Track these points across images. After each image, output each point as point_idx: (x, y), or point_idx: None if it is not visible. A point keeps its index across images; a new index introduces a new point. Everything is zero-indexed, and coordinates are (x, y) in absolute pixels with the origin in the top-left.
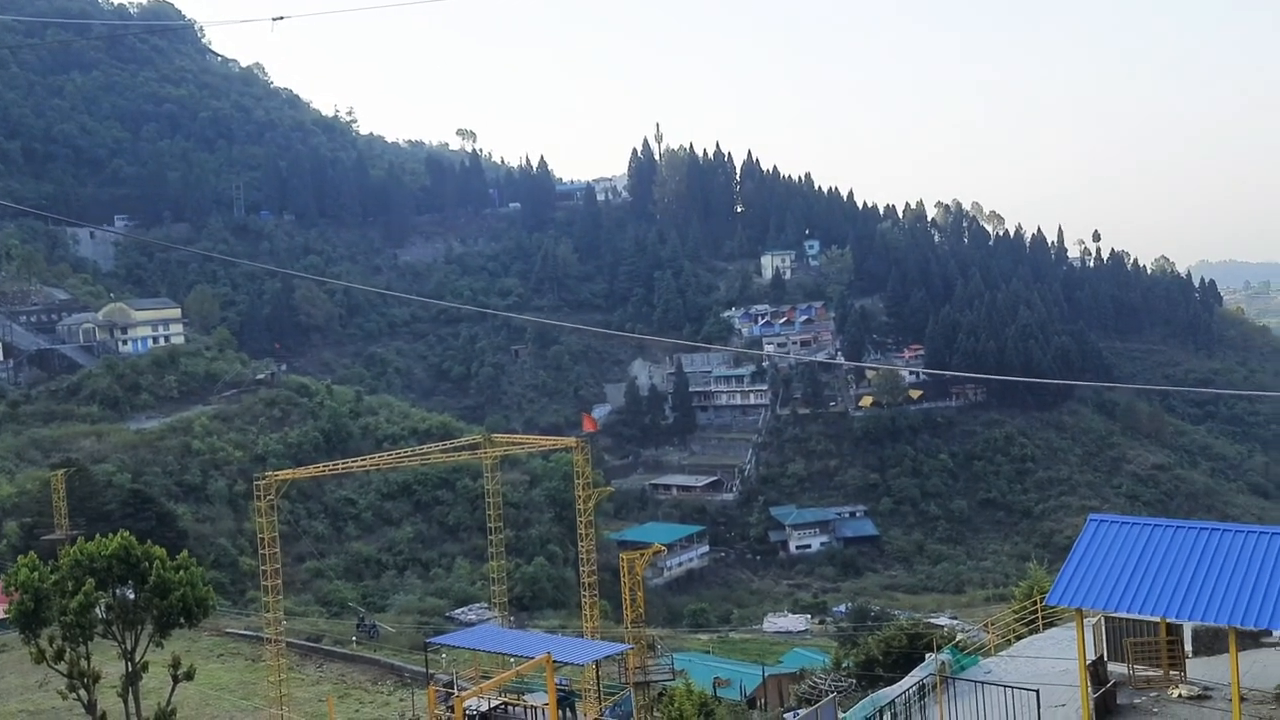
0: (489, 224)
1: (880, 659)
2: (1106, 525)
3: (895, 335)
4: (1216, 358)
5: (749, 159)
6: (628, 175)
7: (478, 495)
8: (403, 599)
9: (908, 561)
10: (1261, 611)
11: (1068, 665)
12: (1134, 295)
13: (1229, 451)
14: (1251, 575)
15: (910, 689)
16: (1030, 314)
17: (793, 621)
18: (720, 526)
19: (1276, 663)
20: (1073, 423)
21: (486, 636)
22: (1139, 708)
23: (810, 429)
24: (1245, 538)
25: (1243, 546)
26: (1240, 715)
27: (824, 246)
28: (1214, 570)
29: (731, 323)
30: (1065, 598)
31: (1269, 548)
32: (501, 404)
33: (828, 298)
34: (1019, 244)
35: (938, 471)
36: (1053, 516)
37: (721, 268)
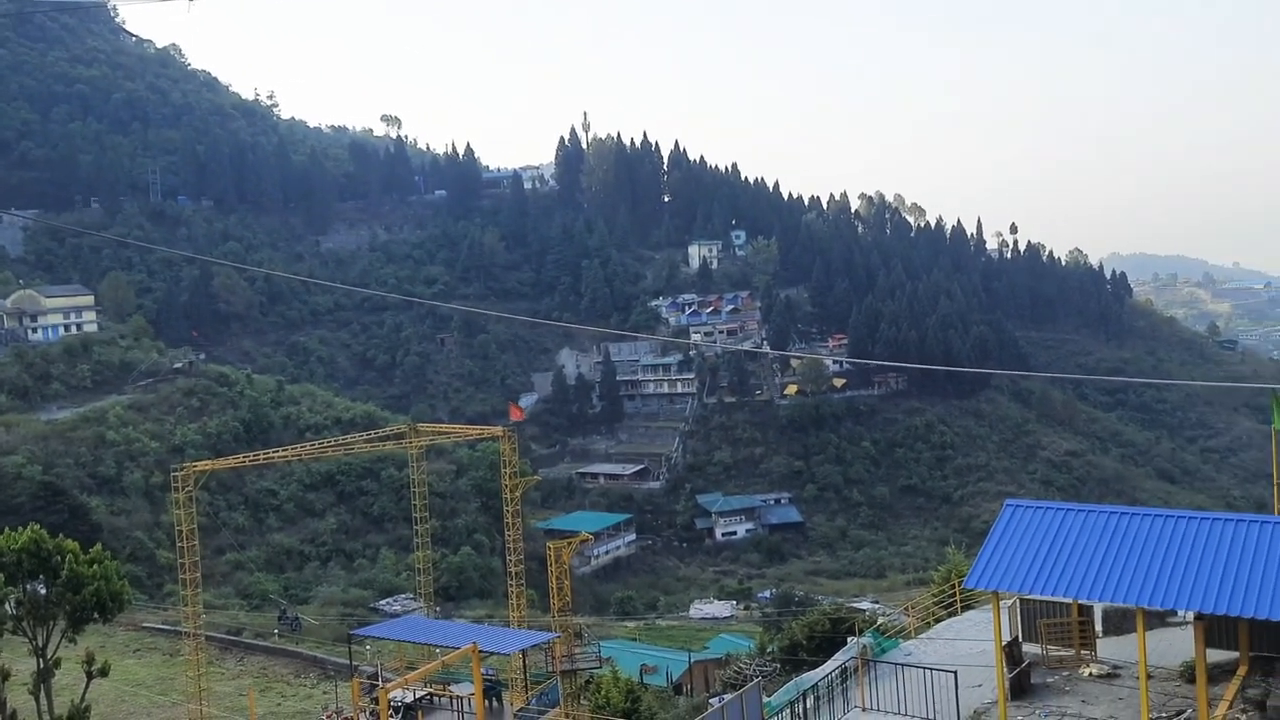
0: (414, 211)
1: (804, 643)
2: (1022, 510)
3: (820, 324)
4: (1126, 347)
5: (676, 149)
6: (555, 164)
7: (403, 485)
8: (326, 591)
9: (831, 547)
10: (1168, 592)
11: (985, 646)
12: (1049, 286)
13: (1138, 438)
14: (1158, 558)
15: (833, 672)
16: (950, 304)
17: (719, 608)
18: (647, 514)
19: (1182, 641)
20: (990, 410)
21: (412, 627)
22: (1052, 687)
23: (736, 417)
24: (1153, 521)
25: (1150, 530)
26: (1147, 692)
27: (750, 237)
28: (1123, 553)
29: (659, 312)
30: (982, 581)
31: (1174, 531)
32: (427, 393)
33: (754, 287)
34: (939, 236)
35: (860, 459)
36: (971, 502)
37: (649, 257)
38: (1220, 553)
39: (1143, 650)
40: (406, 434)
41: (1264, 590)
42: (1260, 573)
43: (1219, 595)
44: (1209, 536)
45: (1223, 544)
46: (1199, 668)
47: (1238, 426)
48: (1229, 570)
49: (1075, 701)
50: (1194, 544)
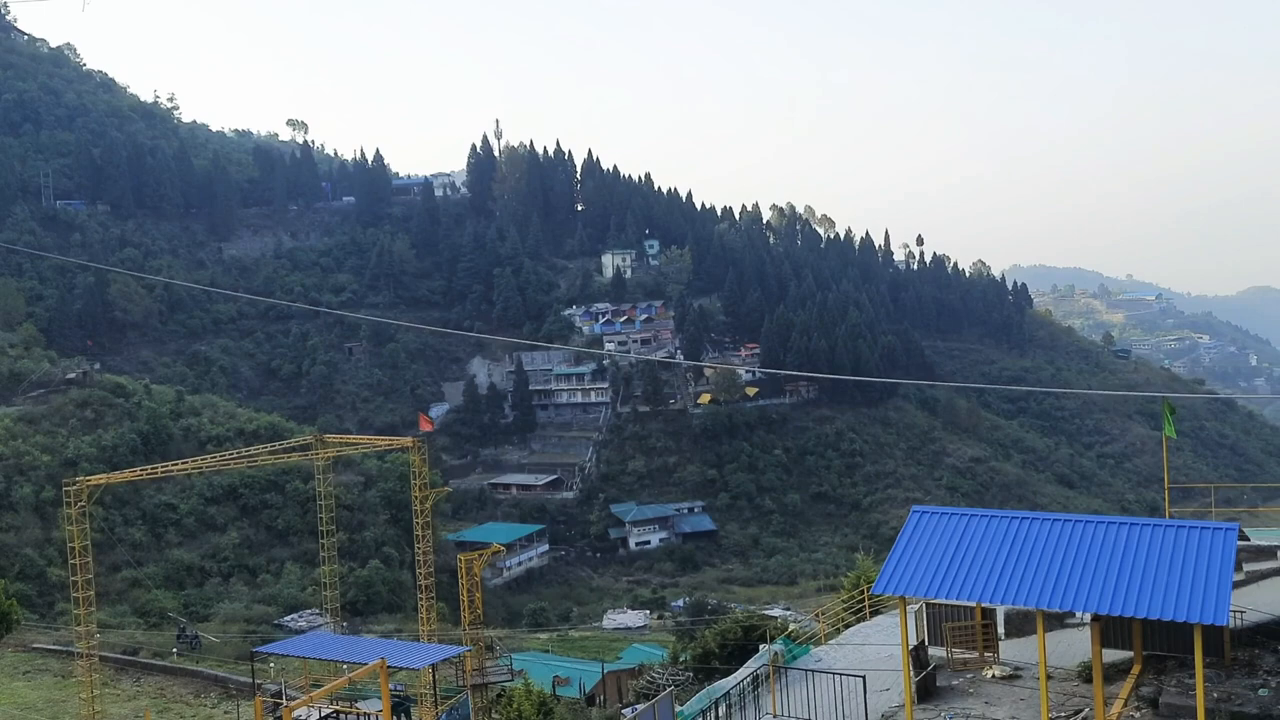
0: (321, 218)
1: (716, 651)
2: (927, 516)
3: (732, 334)
4: (1027, 356)
5: (590, 158)
6: (467, 171)
7: (309, 498)
8: (228, 607)
9: (744, 555)
10: (1065, 594)
11: (892, 650)
12: (954, 297)
13: (1038, 444)
14: (1057, 561)
15: (745, 680)
16: (859, 314)
17: (632, 617)
18: (560, 525)
19: (1080, 642)
20: (898, 418)
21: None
22: (956, 689)
23: (650, 426)
24: (1051, 526)
25: (1049, 534)
26: (1047, 692)
27: (664, 246)
28: (1024, 557)
29: (572, 321)
30: (889, 587)
31: (1072, 535)
32: (335, 403)
33: (667, 297)
34: (849, 247)
35: (773, 467)
36: (879, 508)
37: (562, 266)
38: (1115, 555)
39: (1042, 651)
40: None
41: (1155, 591)
42: (1152, 574)
43: (1114, 597)
44: (1104, 540)
45: (1117, 547)
46: (1095, 667)
47: (1131, 433)
48: (1123, 572)
49: (979, 703)
50: (1090, 547)
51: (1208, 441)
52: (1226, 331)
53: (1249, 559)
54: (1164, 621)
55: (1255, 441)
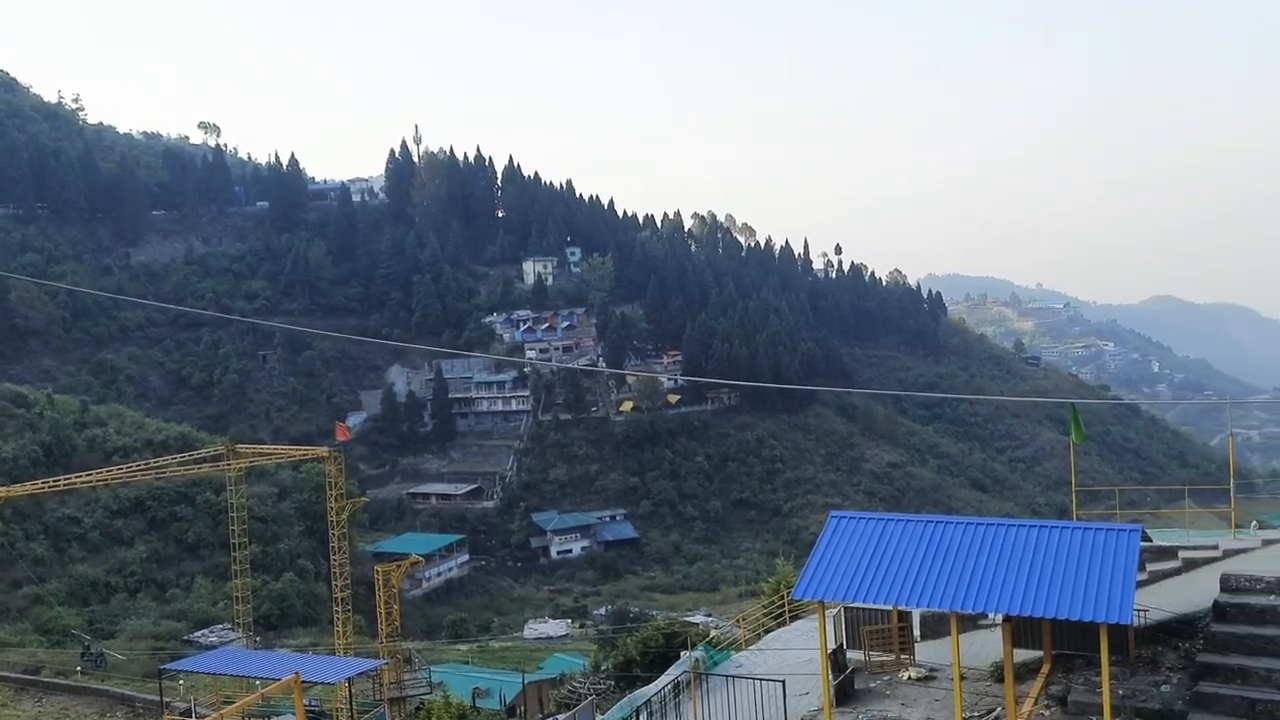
0: (234, 223)
1: (638, 659)
2: (846, 521)
3: (655, 341)
4: (942, 363)
5: (510, 164)
6: (385, 177)
7: (220, 510)
8: (135, 624)
9: (666, 562)
10: (979, 596)
11: (811, 655)
12: (871, 305)
13: (953, 449)
14: (970, 563)
15: (666, 687)
16: (779, 322)
17: (553, 627)
18: (481, 534)
19: (992, 642)
20: (817, 425)
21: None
22: (874, 691)
23: (572, 434)
24: (965, 529)
25: (963, 537)
26: (961, 693)
27: (586, 253)
28: (939, 560)
29: (493, 328)
30: (808, 592)
31: (985, 538)
32: (248, 413)
33: (589, 304)
34: (769, 255)
35: (694, 474)
36: (799, 514)
37: (483, 273)
38: (1025, 557)
39: (956, 653)
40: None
41: (1063, 592)
42: (1060, 575)
43: (1024, 598)
44: (1015, 542)
45: (1028, 549)
46: (1007, 667)
47: (1041, 437)
48: (1033, 574)
49: (895, 705)
50: (1002, 550)
51: (1113, 445)
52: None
53: (1152, 559)
54: (1072, 621)
55: (1158, 445)
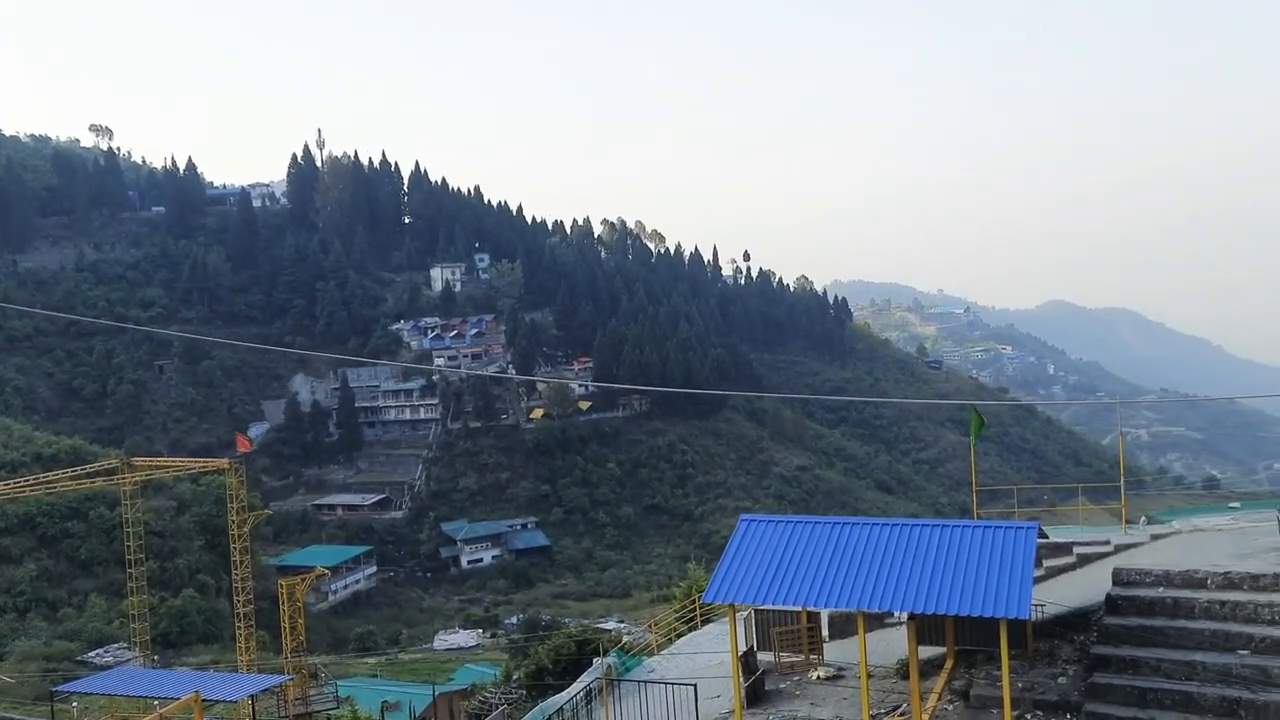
0: (128, 229)
1: (550, 667)
2: (756, 524)
3: (565, 348)
4: (849, 367)
5: (417, 170)
6: (287, 181)
7: (115, 525)
8: (25, 645)
9: (578, 569)
10: (884, 596)
11: (723, 657)
12: (780, 310)
13: (859, 452)
14: (876, 563)
15: (578, 694)
16: (690, 328)
17: (464, 637)
18: (389, 545)
19: (898, 640)
20: (728, 430)
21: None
22: (784, 691)
23: (482, 442)
24: (871, 530)
25: (869, 538)
26: (868, 690)
27: (494, 260)
28: (846, 560)
29: (400, 336)
30: (719, 595)
31: (890, 538)
32: (144, 425)
33: (498, 311)
34: (679, 262)
35: (606, 480)
36: (711, 518)
37: (389, 279)
38: (929, 556)
39: (863, 651)
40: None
41: (965, 589)
42: (963, 573)
43: (928, 596)
44: (919, 541)
45: (931, 548)
46: (912, 664)
47: (944, 439)
48: (936, 572)
49: (805, 704)
50: (907, 549)
51: (1012, 446)
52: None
53: (1048, 555)
54: (974, 617)
55: (1053, 445)
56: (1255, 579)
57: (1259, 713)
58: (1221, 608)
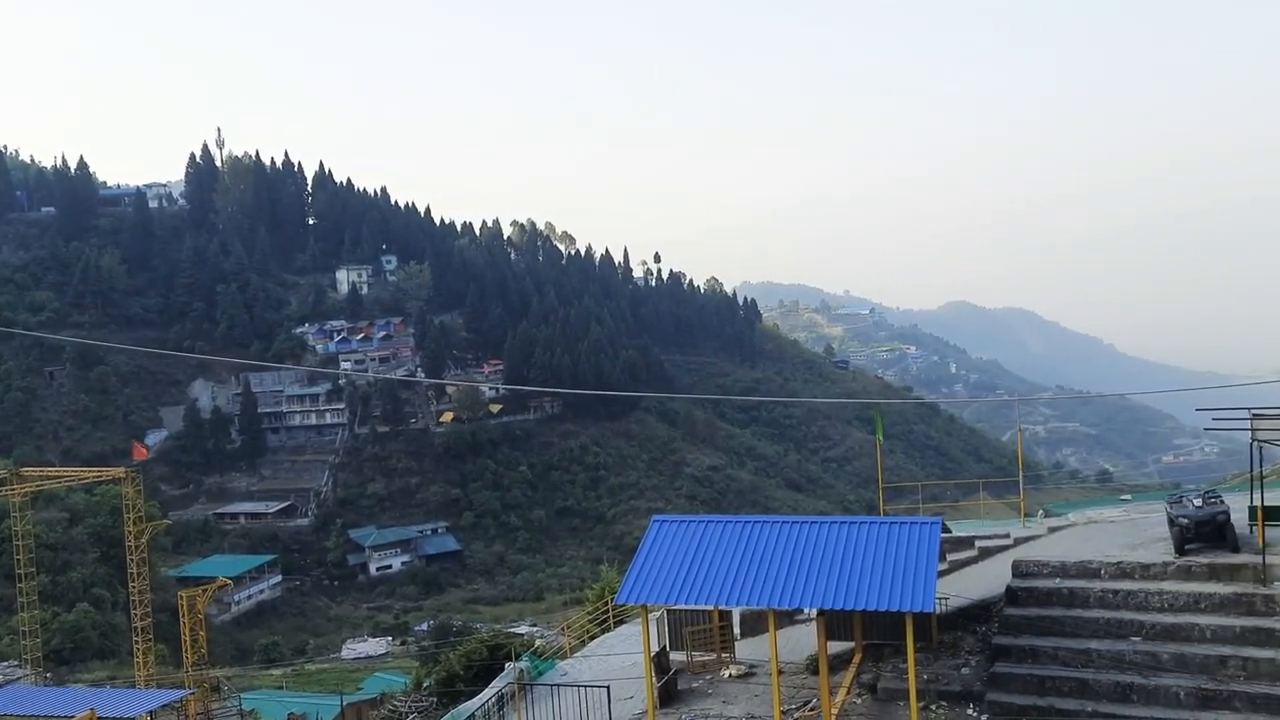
0: (16, 230)
1: (461, 674)
2: (667, 525)
3: (475, 351)
4: (758, 368)
5: (321, 170)
6: (185, 182)
7: (4, 539)
8: None
9: (490, 574)
10: (794, 593)
11: (636, 659)
12: (690, 312)
13: (769, 451)
14: (786, 561)
15: (489, 700)
16: (601, 329)
17: (373, 645)
18: (295, 554)
19: (807, 636)
20: (639, 431)
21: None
22: (696, 690)
23: (390, 447)
24: (781, 528)
25: (779, 536)
26: (779, 687)
27: (402, 262)
28: (757, 559)
29: (305, 339)
30: (631, 596)
31: (799, 535)
32: (34, 434)
33: (407, 313)
34: (589, 264)
35: (518, 483)
36: (623, 520)
37: (293, 282)
38: (837, 553)
39: (774, 648)
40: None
41: (872, 585)
42: (870, 568)
43: (836, 592)
44: (828, 538)
45: (839, 544)
46: (821, 660)
47: (851, 438)
48: (844, 568)
49: (717, 703)
50: (816, 546)
51: (916, 443)
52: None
53: (951, 549)
54: (880, 612)
55: (956, 442)
56: (1145, 568)
57: (1150, 696)
58: (1114, 596)
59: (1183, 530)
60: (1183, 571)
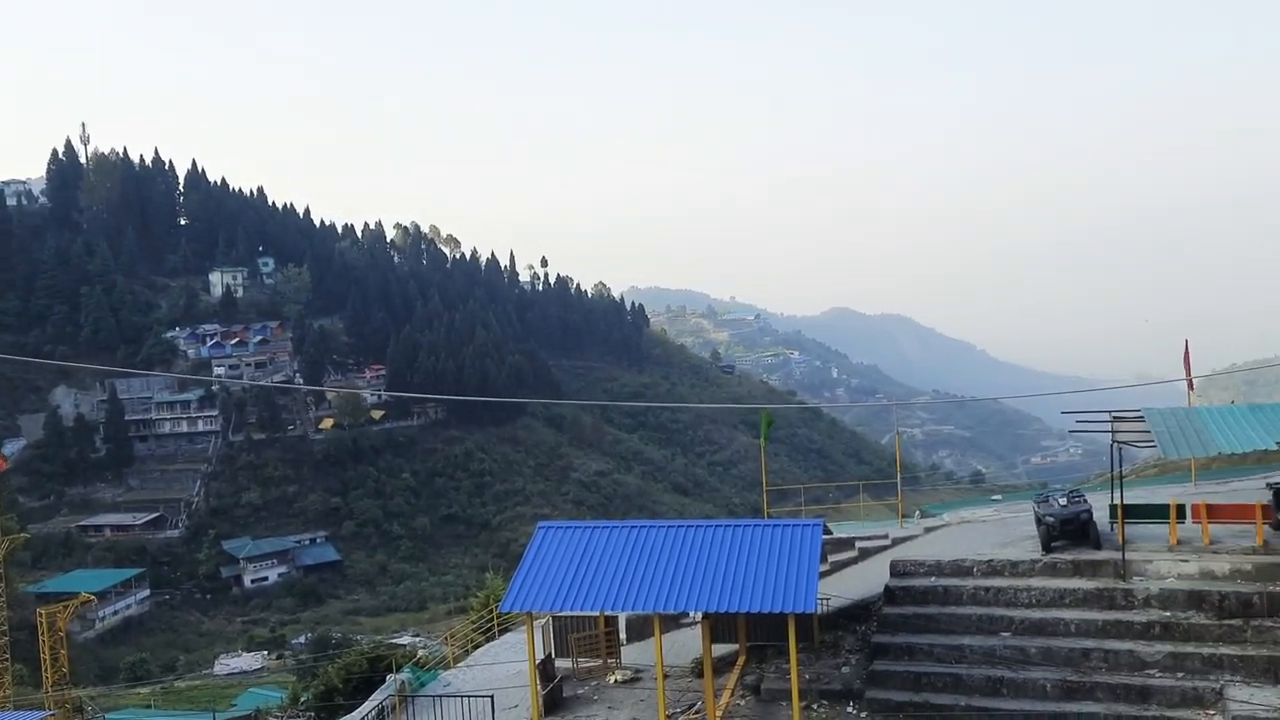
0: None
1: (340, 687)
2: (553, 531)
3: (356, 355)
4: (646, 373)
5: (194, 168)
6: (47, 179)
7: None
8: None
9: (371, 584)
10: (680, 597)
11: (521, 667)
12: (577, 316)
13: (656, 456)
14: (672, 565)
15: (369, 713)
16: (487, 334)
17: (248, 660)
18: (164, 567)
19: (693, 640)
20: (526, 436)
21: None
22: (582, 697)
23: (267, 455)
24: (667, 532)
25: (665, 540)
26: (664, 691)
27: (280, 264)
28: (643, 563)
29: (176, 344)
30: (516, 604)
31: (685, 539)
32: None
33: (284, 317)
34: (475, 267)
35: (401, 491)
36: (509, 527)
37: (163, 284)
38: (722, 556)
39: (659, 652)
40: None
41: (756, 587)
42: (753, 571)
43: (721, 595)
44: (713, 542)
45: (724, 547)
46: (706, 663)
47: (737, 441)
48: (729, 571)
49: (603, 709)
50: (701, 549)
51: (800, 446)
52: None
53: (833, 550)
54: (764, 614)
55: (837, 445)
56: (1015, 565)
57: (1019, 690)
58: (986, 593)
59: (1049, 529)
60: (1049, 568)
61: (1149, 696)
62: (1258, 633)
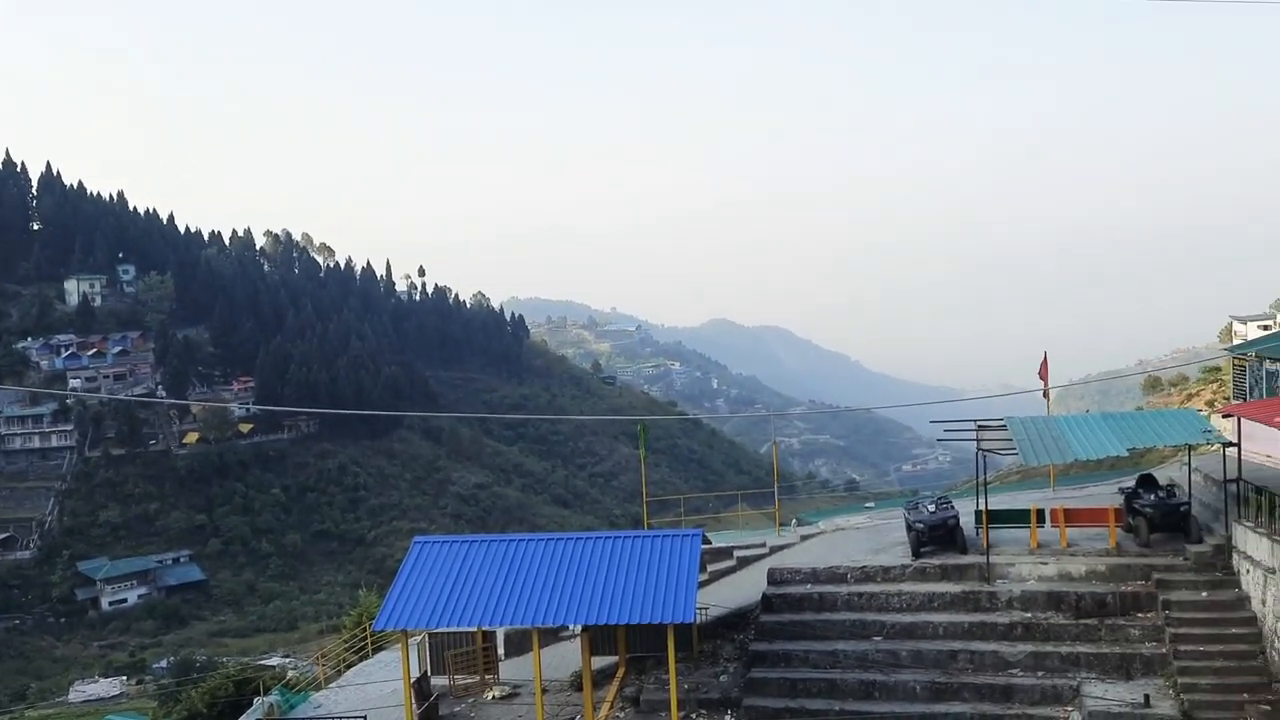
0: None
1: (205, 711)
2: (430, 546)
3: (223, 367)
4: (526, 384)
5: (49, 171)
6: None
7: None
8: None
9: (238, 604)
10: (558, 610)
11: (395, 686)
12: (456, 327)
13: (536, 468)
14: (550, 578)
15: None
16: (362, 345)
17: (105, 686)
18: (14, 590)
19: (573, 653)
20: (402, 449)
21: None
22: (459, 715)
23: (126, 471)
24: (547, 545)
25: (544, 553)
26: (543, 705)
27: (141, 272)
28: (521, 578)
29: (27, 355)
30: (390, 621)
31: (564, 552)
32: None
33: (146, 327)
34: (349, 276)
35: (270, 507)
36: (385, 542)
37: (14, 292)
38: (602, 568)
39: (537, 667)
40: None
41: (635, 598)
42: (632, 582)
43: (600, 608)
44: (592, 554)
45: (603, 559)
46: (585, 676)
47: (618, 453)
48: (608, 583)
49: None
50: (580, 562)
51: (680, 457)
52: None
53: (712, 560)
54: (643, 625)
55: (717, 455)
56: (887, 571)
57: (890, 693)
58: (859, 599)
59: (919, 534)
60: (919, 573)
61: (1012, 695)
62: (1111, 631)
